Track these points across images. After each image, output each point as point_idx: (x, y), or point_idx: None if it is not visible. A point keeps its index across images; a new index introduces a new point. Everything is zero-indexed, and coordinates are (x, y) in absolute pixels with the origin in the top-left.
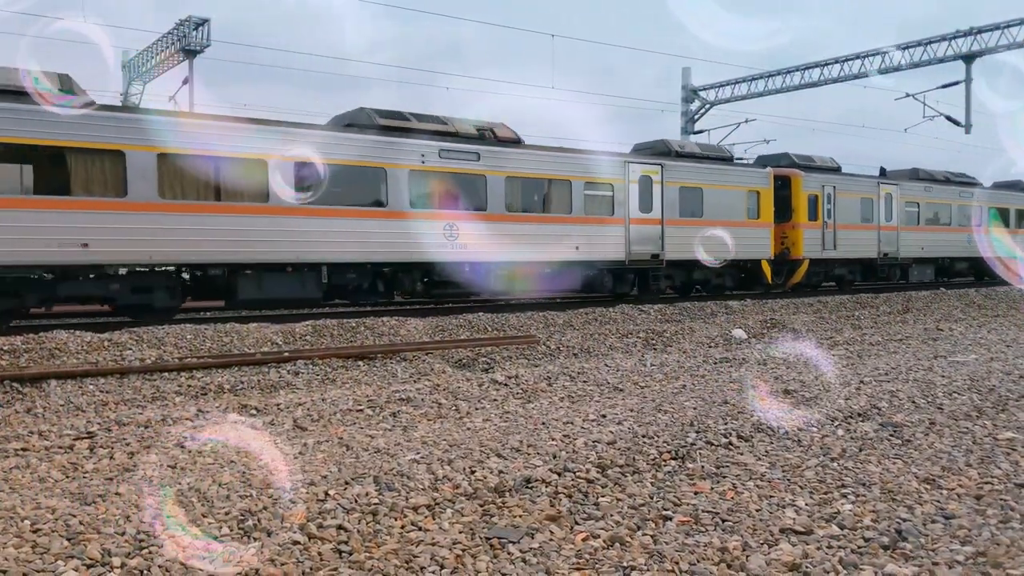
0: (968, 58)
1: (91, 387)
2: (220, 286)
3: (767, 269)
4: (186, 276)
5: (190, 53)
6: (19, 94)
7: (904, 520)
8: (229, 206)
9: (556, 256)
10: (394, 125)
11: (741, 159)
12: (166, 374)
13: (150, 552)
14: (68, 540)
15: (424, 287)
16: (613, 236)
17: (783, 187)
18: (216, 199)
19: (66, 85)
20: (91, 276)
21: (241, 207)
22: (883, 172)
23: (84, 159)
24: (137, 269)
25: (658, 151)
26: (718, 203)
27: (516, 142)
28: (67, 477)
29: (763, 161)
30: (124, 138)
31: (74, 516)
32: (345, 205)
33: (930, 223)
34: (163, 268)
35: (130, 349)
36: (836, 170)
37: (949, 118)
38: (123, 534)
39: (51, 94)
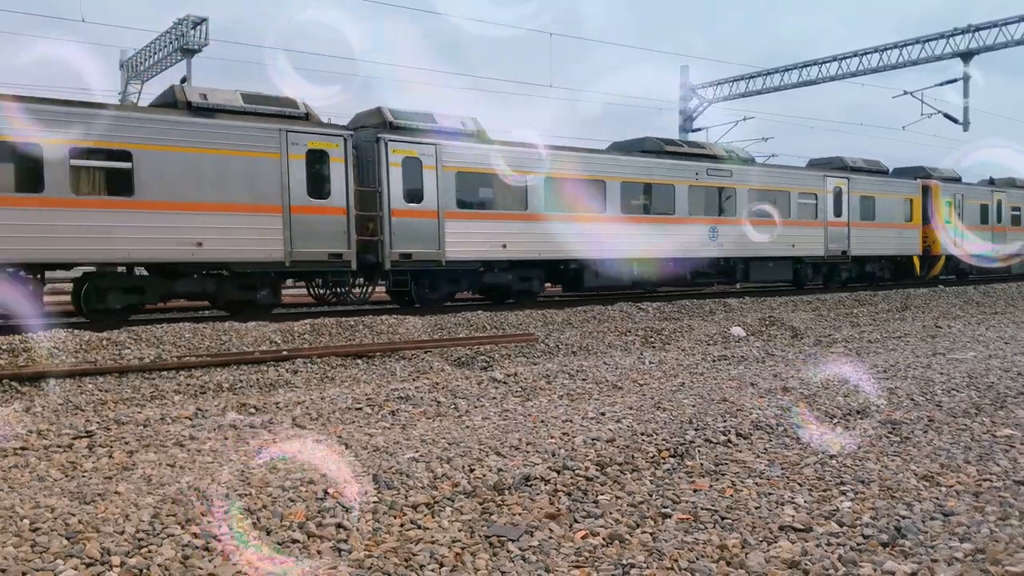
0: (966, 55)
1: (90, 386)
2: (571, 276)
3: (917, 263)
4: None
5: (188, 52)
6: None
7: (903, 517)
8: (578, 216)
9: (780, 252)
10: (676, 151)
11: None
12: (165, 373)
13: (149, 551)
14: (67, 539)
15: (690, 277)
16: (816, 236)
17: (925, 195)
18: (571, 211)
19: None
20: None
21: (586, 217)
22: (992, 181)
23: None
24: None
25: (835, 166)
26: (884, 209)
27: (752, 161)
28: (66, 476)
29: (899, 172)
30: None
31: (73, 515)
32: (653, 214)
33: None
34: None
35: (129, 348)
36: (958, 180)
37: (947, 115)
38: (122, 533)
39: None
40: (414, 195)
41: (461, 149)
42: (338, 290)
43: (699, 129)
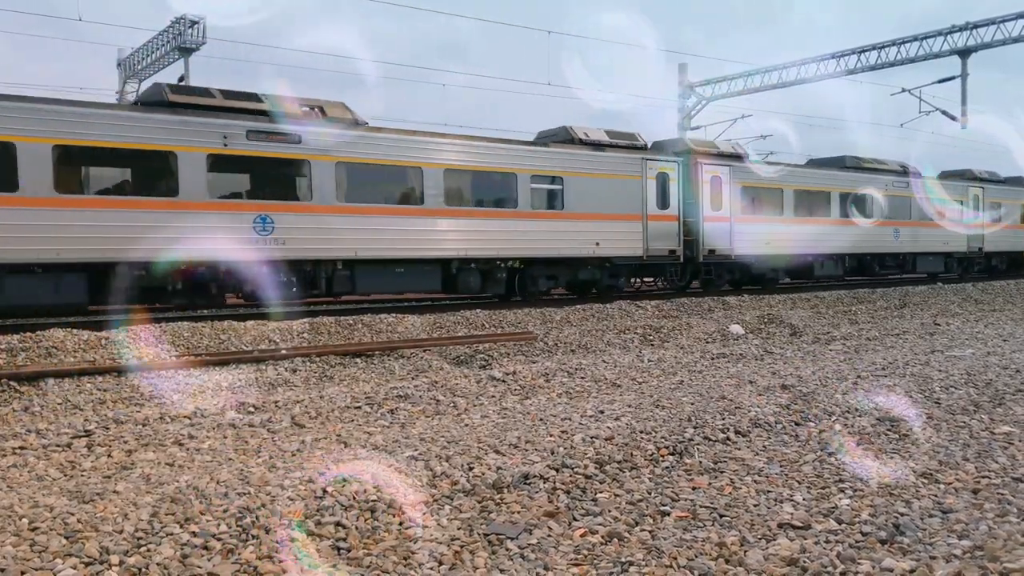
0: (964, 53)
1: (89, 385)
2: (806, 269)
3: None
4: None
5: (185, 51)
6: None
7: (902, 514)
8: (805, 220)
9: (937, 248)
10: (869, 166)
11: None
12: (164, 372)
13: (148, 550)
14: (66, 538)
15: (878, 268)
16: (960, 236)
17: None
18: (804, 216)
19: None
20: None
21: (812, 221)
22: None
23: None
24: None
25: (968, 177)
26: (1008, 212)
27: (919, 175)
28: (65, 475)
29: (947, 176)
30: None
31: (72, 514)
32: (854, 218)
33: None
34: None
35: (127, 347)
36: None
37: (945, 113)
38: (121, 532)
39: None
40: (716, 205)
41: (747, 169)
42: (671, 279)
43: (698, 127)
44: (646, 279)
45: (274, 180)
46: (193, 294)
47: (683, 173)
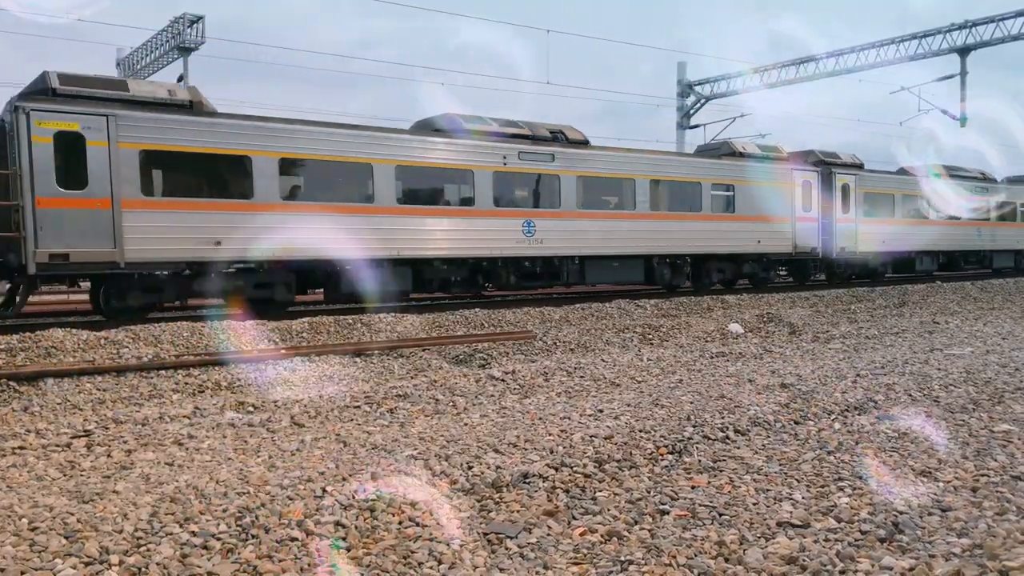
0: (963, 51)
1: (88, 385)
2: (908, 263)
3: None
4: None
5: (184, 50)
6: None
7: (901, 513)
8: (939, 222)
9: (1007, 246)
10: (964, 175)
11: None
12: (163, 372)
13: (148, 550)
14: (66, 538)
15: (963, 263)
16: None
17: None
18: (930, 216)
19: None
20: None
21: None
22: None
23: None
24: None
25: None
26: None
27: (994, 180)
28: (64, 475)
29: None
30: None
31: (72, 514)
32: (939, 218)
33: None
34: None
35: (127, 347)
36: None
37: (944, 111)
38: (121, 532)
39: None
40: (846, 208)
41: (867, 177)
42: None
43: (696, 126)
44: (780, 271)
45: (536, 192)
46: (466, 284)
47: (821, 181)
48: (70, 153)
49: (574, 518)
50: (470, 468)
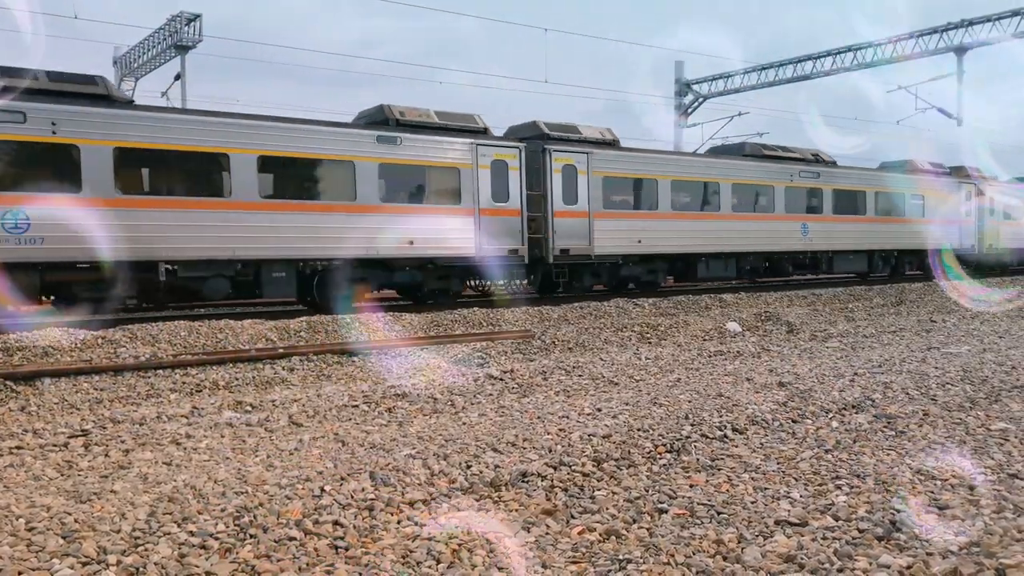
0: (960, 50)
1: (85, 385)
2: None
3: None
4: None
5: (182, 49)
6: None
7: (898, 511)
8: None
9: None
10: None
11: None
12: (160, 371)
13: (146, 549)
14: (63, 538)
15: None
16: None
17: None
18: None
19: None
20: None
21: None
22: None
23: None
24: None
25: None
26: None
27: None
28: (62, 475)
29: None
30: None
31: (69, 514)
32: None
33: None
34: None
35: (124, 346)
36: None
37: (941, 110)
38: (119, 532)
39: None
40: (969, 213)
41: (999, 187)
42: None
43: (695, 124)
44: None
45: (808, 202)
46: (752, 272)
47: (967, 194)
48: (568, 179)
49: (572, 517)
50: (469, 467)
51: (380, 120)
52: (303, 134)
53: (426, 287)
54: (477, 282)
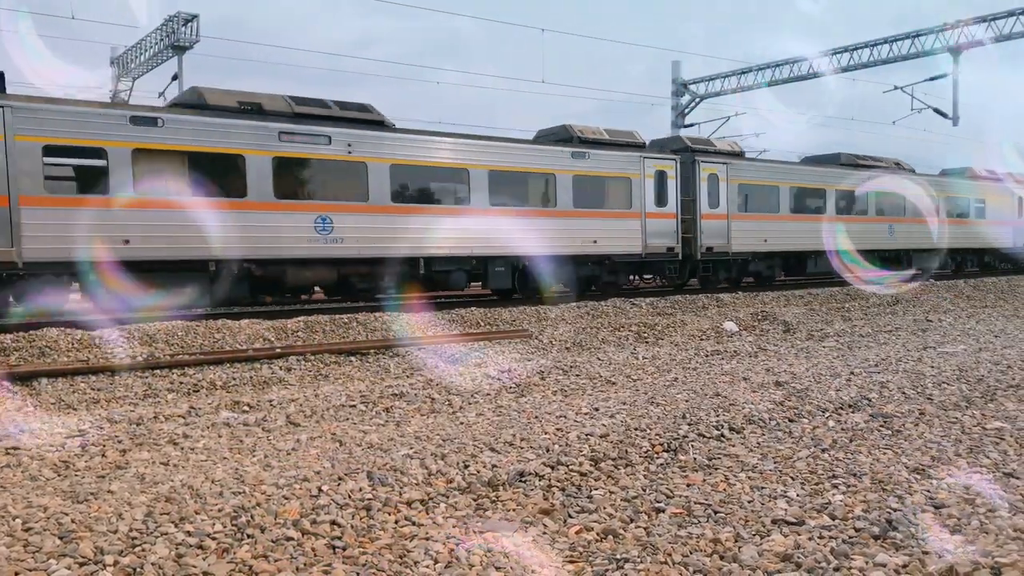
0: (955, 51)
1: (83, 385)
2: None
3: None
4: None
5: (179, 49)
6: None
7: (894, 510)
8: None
9: None
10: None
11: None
12: (158, 371)
13: (143, 550)
14: (60, 538)
15: None
16: None
17: None
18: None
19: None
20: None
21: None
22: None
23: None
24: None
25: None
26: None
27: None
28: (59, 475)
29: None
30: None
31: (66, 514)
32: None
33: None
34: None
35: (121, 346)
36: None
37: (937, 110)
38: (116, 532)
39: None
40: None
41: None
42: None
43: (691, 125)
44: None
45: (892, 206)
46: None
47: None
48: (712, 186)
49: (570, 516)
50: (466, 467)
51: (565, 138)
52: (518, 152)
53: (601, 280)
54: (638, 277)
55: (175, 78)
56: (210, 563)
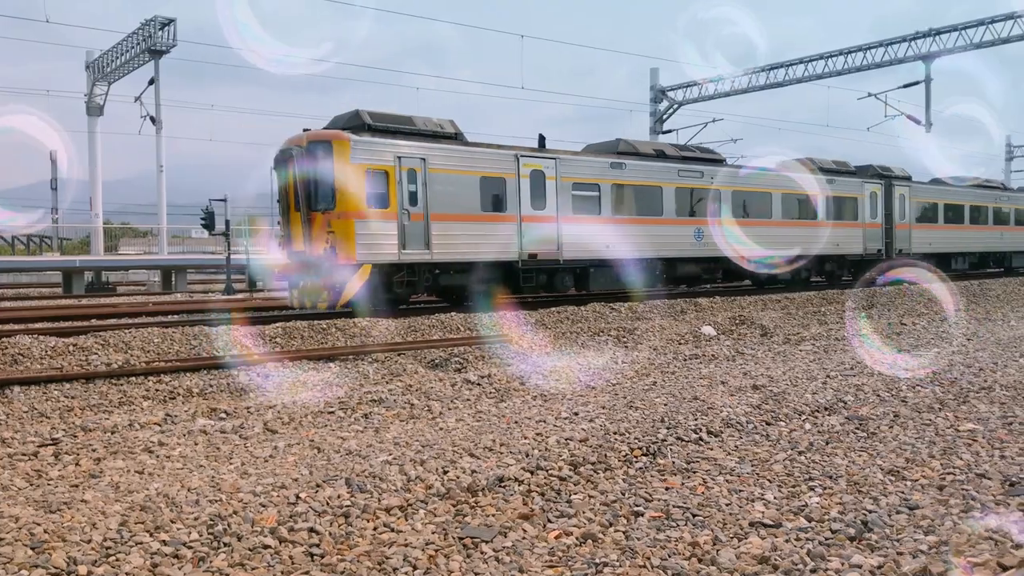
0: (927, 58)
1: (56, 393)
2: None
3: None
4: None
5: (156, 53)
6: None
7: (870, 511)
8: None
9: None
10: None
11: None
12: (133, 378)
13: (117, 559)
14: (32, 549)
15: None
16: None
17: None
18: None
19: None
20: None
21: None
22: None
23: None
24: None
25: None
26: None
27: None
28: (31, 485)
29: None
30: None
31: (38, 524)
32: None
33: None
34: None
35: (96, 353)
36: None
37: (910, 117)
38: (89, 542)
39: None
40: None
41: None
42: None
43: (670, 131)
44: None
45: (980, 217)
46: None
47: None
48: (901, 203)
49: (549, 521)
50: (445, 472)
51: (818, 168)
52: (807, 179)
53: (834, 273)
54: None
55: (151, 82)
56: (186, 572)
